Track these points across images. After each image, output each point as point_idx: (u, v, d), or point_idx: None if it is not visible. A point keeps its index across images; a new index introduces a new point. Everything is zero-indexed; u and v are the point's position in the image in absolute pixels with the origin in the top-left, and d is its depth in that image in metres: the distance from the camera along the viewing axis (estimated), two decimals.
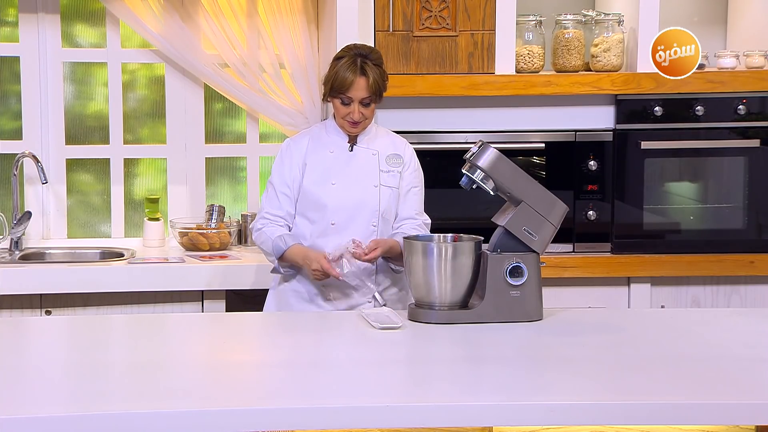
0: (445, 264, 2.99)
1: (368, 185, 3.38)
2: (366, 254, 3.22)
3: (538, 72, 4.24)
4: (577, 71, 4.25)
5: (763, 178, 4.28)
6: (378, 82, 3.32)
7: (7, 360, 2.63)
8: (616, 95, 4.23)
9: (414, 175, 3.47)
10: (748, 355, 2.69)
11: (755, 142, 4.27)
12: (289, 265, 3.38)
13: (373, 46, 3.48)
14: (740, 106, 4.24)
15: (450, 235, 3.16)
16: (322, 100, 3.44)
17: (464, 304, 3.03)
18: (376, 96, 3.34)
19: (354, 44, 3.42)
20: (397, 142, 3.49)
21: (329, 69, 3.37)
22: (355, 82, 3.29)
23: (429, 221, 3.47)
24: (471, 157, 3.06)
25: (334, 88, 3.32)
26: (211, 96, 4.57)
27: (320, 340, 2.97)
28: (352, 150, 3.42)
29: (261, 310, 3.54)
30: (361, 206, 3.35)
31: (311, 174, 3.40)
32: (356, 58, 3.31)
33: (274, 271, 3.43)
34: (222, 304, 4.03)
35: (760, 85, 4.23)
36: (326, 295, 3.38)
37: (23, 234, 4.38)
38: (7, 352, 2.73)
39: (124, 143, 4.57)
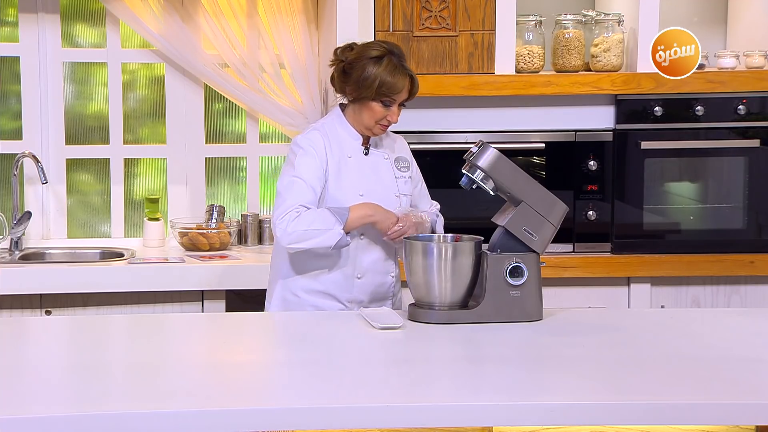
0: (445, 264, 2.99)
1: (391, 196, 3.27)
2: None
3: (538, 72, 4.24)
4: (577, 71, 4.25)
5: (763, 178, 4.28)
6: (417, 81, 3.22)
7: (7, 360, 2.63)
8: (616, 95, 4.23)
9: (417, 171, 3.41)
10: (749, 355, 2.69)
11: (755, 142, 4.27)
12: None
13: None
14: (740, 106, 4.24)
15: (450, 235, 3.16)
16: (351, 101, 3.23)
17: (464, 304, 3.03)
18: (413, 96, 3.24)
19: (380, 41, 3.26)
20: (399, 142, 3.41)
21: (362, 69, 3.16)
22: (405, 86, 3.18)
23: (438, 205, 3.46)
24: (471, 157, 3.06)
25: (381, 92, 3.15)
26: (211, 96, 4.57)
27: (320, 339, 2.97)
28: (367, 154, 3.30)
29: (261, 309, 3.53)
30: None
31: (334, 180, 3.22)
32: (392, 57, 3.17)
33: (337, 246, 3.12)
34: (222, 304, 4.03)
35: (760, 85, 4.23)
36: (340, 298, 3.28)
37: (23, 234, 4.38)
38: (7, 352, 2.72)
39: (124, 143, 4.57)
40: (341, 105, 3.32)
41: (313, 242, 3.11)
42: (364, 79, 3.16)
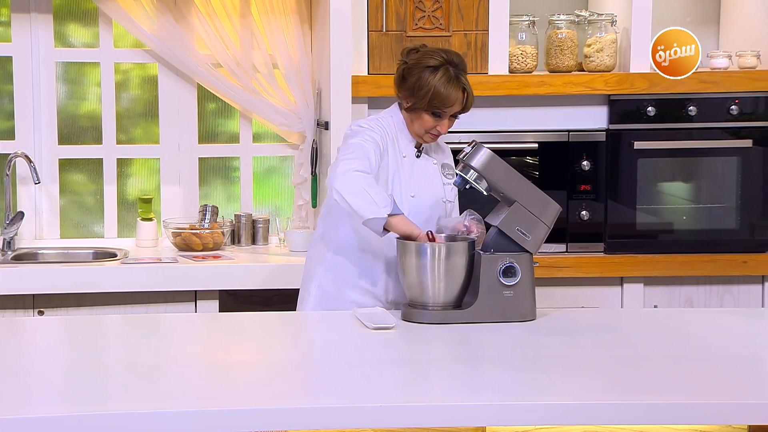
0: (439, 264, 2.99)
1: (439, 200, 3.23)
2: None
3: (531, 72, 4.25)
4: (570, 71, 4.26)
5: (755, 178, 4.29)
6: (472, 95, 3.15)
7: (0, 360, 2.62)
8: (609, 95, 4.23)
9: None
10: (741, 355, 2.70)
11: (748, 143, 4.28)
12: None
13: (454, 51, 3.23)
14: (733, 107, 4.25)
15: (443, 234, 3.16)
16: (406, 110, 3.18)
17: (458, 304, 3.03)
18: (467, 109, 3.19)
19: (443, 50, 3.16)
20: (445, 150, 3.35)
21: (417, 77, 3.11)
22: (458, 99, 3.12)
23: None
24: (464, 157, 3.05)
25: (433, 104, 3.10)
26: (204, 96, 4.57)
27: (314, 340, 2.97)
28: (419, 156, 3.24)
29: (253, 310, 3.52)
30: (431, 223, 3.19)
31: (382, 175, 3.15)
32: (449, 67, 3.11)
33: (369, 224, 2.97)
34: (215, 304, 4.03)
35: (752, 86, 4.24)
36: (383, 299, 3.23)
37: (16, 234, 4.37)
38: (0, 353, 2.72)
39: (117, 143, 4.56)
40: (399, 104, 3.25)
41: (357, 202, 2.97)
42: (419, 88, 3.11)
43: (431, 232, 3.02)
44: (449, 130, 3.21)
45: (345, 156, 3.07)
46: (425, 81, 3.11)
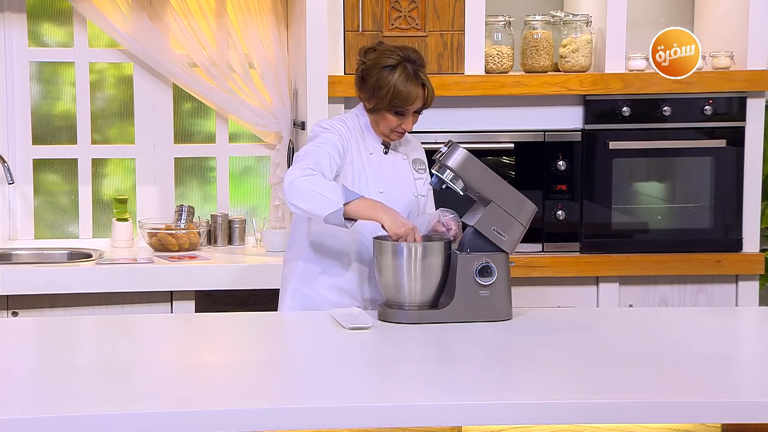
0: (415, 264, 2.99)
1: (409, 195, 3.24)
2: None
3: (507, 72, 4.26)
4: (546, 72, 4.27)
5: (729, 178, 4.32)
6: (432, 90, 3.15)
7: None
8: (585, 96, 4.25)
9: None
10: (715, 354, 2.72)
11: (721, 143, 4.30)
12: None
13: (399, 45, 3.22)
14: (707, 107, 4.27)
15: (420, 234, 3.16)
16: (369, 111, 3.19)
17: (434, 303, 3.03)
18: (428, 105, 3.18)
19: (399, 48, 3.16)
20: (415, 144, 3.36)
21: (376, 77, 3.11)
22: (419, 96, 3.12)
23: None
24: (440, 157, 3.06)
25: (394, 103, 3.10)
26: (180, 96, 4.55)
27: (290, 340, 2.97)
28: (386, 153, 3.25)
29: (229, 310, 3.52)
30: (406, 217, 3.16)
31: (348, 172, 3.17)
32: (406, 65, 3.10)
33: (330, 220, 2.98)
34: (191, 304, 4.02)
35: (726, 86, 4.26)
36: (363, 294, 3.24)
37: None
38: None
39: (92, 143, 4.54)
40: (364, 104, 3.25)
41: (311, 205, 2.99)
42: (379, 88, 3.11)
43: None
44: (420, 129, 3.21)
45: (293, 166, 3.09)
46: (384, 81, 3.11)
